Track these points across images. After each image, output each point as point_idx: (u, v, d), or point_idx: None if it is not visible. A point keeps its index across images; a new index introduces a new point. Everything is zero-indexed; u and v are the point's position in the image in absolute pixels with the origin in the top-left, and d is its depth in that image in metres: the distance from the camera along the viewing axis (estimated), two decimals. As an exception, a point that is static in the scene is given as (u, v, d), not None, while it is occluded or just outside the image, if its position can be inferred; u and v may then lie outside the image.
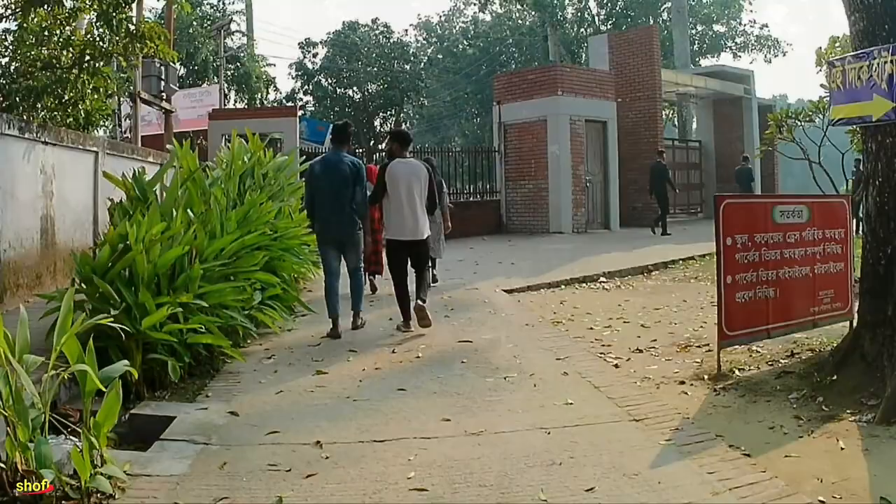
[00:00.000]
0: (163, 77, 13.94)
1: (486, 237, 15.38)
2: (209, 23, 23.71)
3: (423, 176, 6.14)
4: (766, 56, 34.79)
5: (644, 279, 10.47)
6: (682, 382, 4.74)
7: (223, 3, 26.15)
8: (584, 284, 9.78)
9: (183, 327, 4.52)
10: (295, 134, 13.99)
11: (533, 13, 42.47)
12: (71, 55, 8.32)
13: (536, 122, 15.67)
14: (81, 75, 8.35)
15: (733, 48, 35.07)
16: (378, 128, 32.27)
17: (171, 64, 14.45)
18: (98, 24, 8.23)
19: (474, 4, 45.43)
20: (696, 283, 9.87)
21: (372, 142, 29.62)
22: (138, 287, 4.40)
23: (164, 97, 14.44)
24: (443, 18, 47.63)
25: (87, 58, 8.18)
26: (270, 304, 6.57)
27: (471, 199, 16.63)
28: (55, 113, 8.67)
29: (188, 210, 5.93)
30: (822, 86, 10.54)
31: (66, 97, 8.59)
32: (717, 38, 35.15)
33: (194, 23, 22.38)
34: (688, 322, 6.99)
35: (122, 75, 12.85)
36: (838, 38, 12.37)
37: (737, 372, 4.99)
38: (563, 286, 9.55)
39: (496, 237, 15.49)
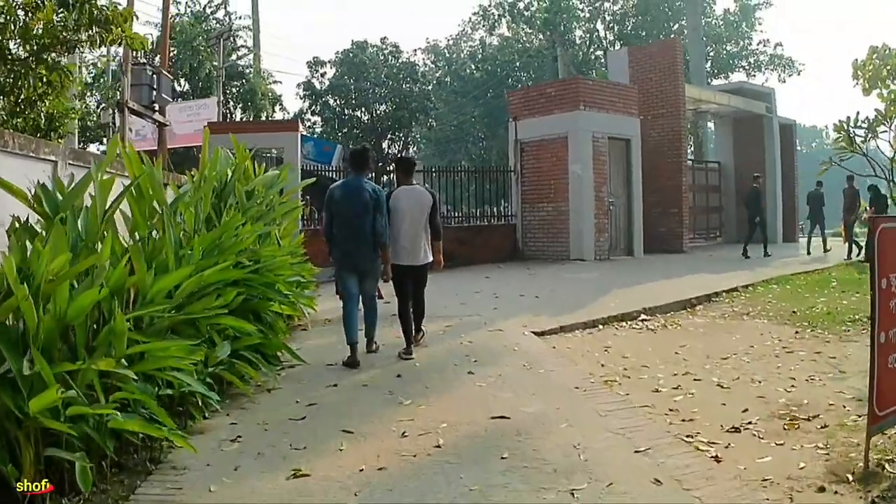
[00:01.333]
0: (155, 86, 12.67)
1: (502, 264, 13.97)
2: (215, 39, 22.49)
3: (426, 203, 6.24)
4: (780, 76, 33.60)
5: (690, 316, 9.06)
6: (822, 489, 3.27)
7: (230, 19, 24.92)
8: (624, 323, 8.35)
9: (98, 411, 3.08)
10: (296, 150, 12.66)
11: (540, 36, 41.81)
12: (30, 47, 7.01)
13: (556, 140, 14.32)
14: (38, 69, 7.01)
15: (746, 68, 33.89)
16: (386, 150, 30.98)
17: (166, 73, 13.22)
18: (58, 8, 6.91)
19: (482, 27, 44.80)
20: (750, 321, 8.48)
21: (380, 163, 28.21)
22: (30, 348, 2.97)
23: (157, 109, 13.16)
24: (450, 42, 46.82)
25: (47, 48, 6.87)
26: (246, 356, 5.17)
27: (484, 222, 15.21)
28: (12, 116, 7.34)
29: (136, 234, 4.56)
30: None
31: (24, 96, 7.25)
32: (729, 57, 33.97)
33: (199, 37, 21.16)
34: (771, 378, 5.57)
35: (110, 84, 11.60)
36: (877, 48, 11.08)
37: (886, 467, 3.54)
38: (600, 326, 8.12)
39: (512, 264, 14.07)
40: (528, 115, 14.75)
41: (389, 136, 30.71)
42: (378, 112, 30.57)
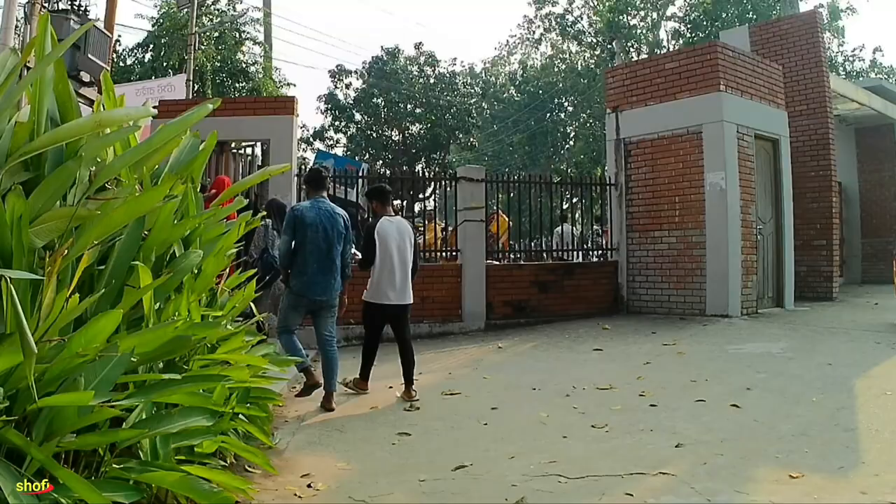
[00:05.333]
0: (80, 44, 8.33)
1: (605, 322, 9.11)
2: (217, 34, 18.27)
3: (410, 235, 5.76)
4: (881, 84, 28.65)
5: None
6: None
7: (233, 7, 20.40)
8: None
9: None
10: (290, 141, 8.28)
11: (587, 55, 37.92)
12: None
13: (683, 137, 9.63)
14: None
15: (842, 75, 29.06)
16: (420, 175, 26.27)
17: (101, 29, 8.88)
18: None
19: (527, 43, 40.85)
20: None
21: (410, 191, 23.41)
22: None
23: (89, 79, 8.78)
24: (488, 64, 42.91)
25: None
26: None
27: (573, 258, 10.47)
28: None
29: None
30: None
31: None
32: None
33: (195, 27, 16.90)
34: None
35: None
36: None
37: None
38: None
39: (619, 322, 9.22)
40: (637, 102, 10.08)
41: (424, 158, 26.07)
42: (411, 131, 26.12)
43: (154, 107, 8.11)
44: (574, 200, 14.20)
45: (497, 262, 9.51)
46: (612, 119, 10.26)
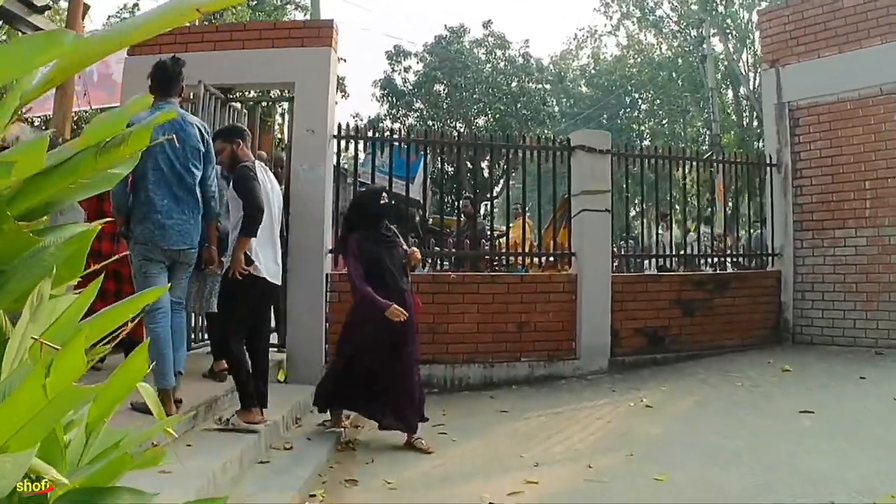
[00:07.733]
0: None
1: (772, 357, 6.44)
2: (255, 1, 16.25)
3: (280, 193, 4.34)
4: None
5: None
6: None
7: None
8: None
9: None
10: (326, 82, 5.87)
11: (664, 45, 34.93)
12: None
13: (875, 99, 6.87)
14: None
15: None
16: (487, 173, 23.60)
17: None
18: None
19: (597, 34, 37.96)
20: None
21: (477, 191, 20.56)
22: None
23: (43, 2, 6.36)
24: (556, 58, 40.06)
25: None
26: None
27: (723, 268, 7.67)
28: None
29: None
30: None
31: None
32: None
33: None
34: None
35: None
36: None
37: None
38: None
39: (793, 358, 6.45)
40: (806, 53, 7.35)
41: (491, 152, 23.53)
42: (477, 124, 23.62)
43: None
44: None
45: (627, 274, 6.96)
46: (771, 76, 7.55)
